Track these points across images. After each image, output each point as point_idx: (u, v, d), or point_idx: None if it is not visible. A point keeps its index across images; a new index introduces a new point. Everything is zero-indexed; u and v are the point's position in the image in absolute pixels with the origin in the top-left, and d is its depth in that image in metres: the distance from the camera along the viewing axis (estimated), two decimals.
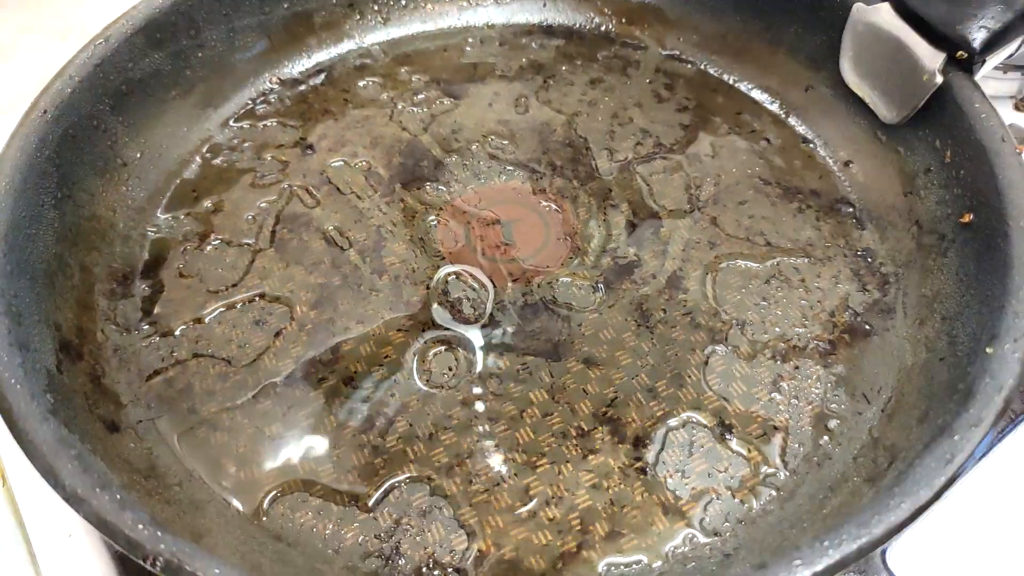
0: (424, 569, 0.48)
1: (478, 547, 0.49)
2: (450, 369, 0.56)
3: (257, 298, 0.60)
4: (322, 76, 0.76)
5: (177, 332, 0.58)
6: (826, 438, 0.53)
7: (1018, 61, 0.79)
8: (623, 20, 0.79)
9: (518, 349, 0.57)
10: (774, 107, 0.73)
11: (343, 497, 0.51)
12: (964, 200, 0.57)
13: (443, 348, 0.57)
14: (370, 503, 0.51)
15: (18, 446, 0.43)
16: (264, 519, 0.50)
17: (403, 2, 0.78)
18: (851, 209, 0.65)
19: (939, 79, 0.59)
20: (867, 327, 0.58)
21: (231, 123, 0.71)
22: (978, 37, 0.57)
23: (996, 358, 0.46)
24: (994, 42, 0.57)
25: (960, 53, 0.58)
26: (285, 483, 0.51)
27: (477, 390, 0.55)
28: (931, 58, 0.59)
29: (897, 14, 0.61)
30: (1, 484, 0.57)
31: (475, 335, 0.58)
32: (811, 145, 0.70)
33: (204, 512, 0.49)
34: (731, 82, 0.74)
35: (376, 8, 0.78)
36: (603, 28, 0.79)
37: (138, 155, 0.65)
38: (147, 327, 0.58)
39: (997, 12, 0.56)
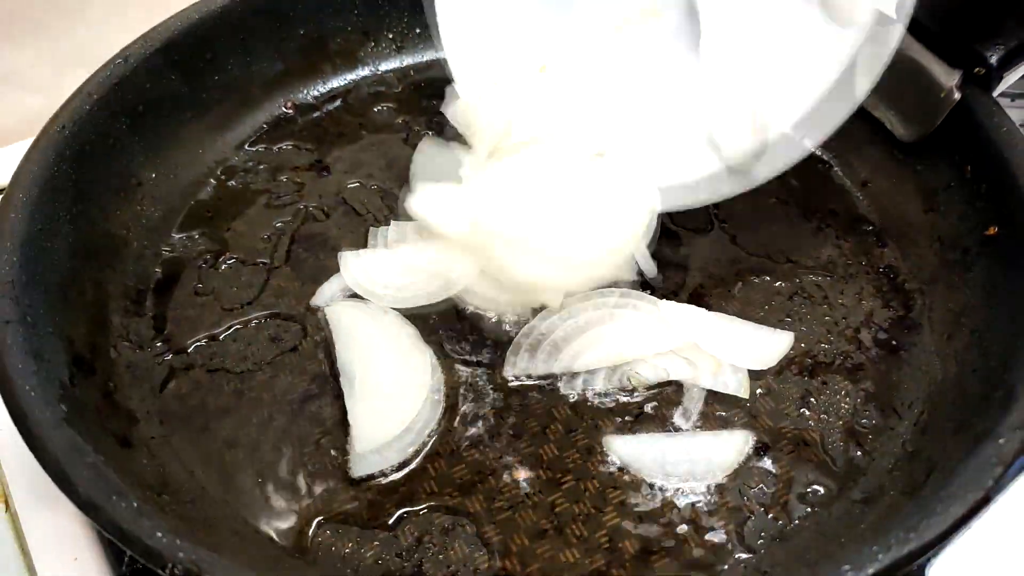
0: None
1: (503, 565, 0.47)
2: (471, 384, 0.55)
3: (272, 316, 0.59)
4: (337, 101, 0.76)
5: (191, 349, 0.57)
6: (859, 452, 0.52)
7: None
8: None
9: None
10: None
11: (362, 515, 0.49)
12: (988, 213, 0.57)
13: (463, 363, 0.56)
14: (390, 521, 0.49)
15: (32, 454, 0.41)
16: (279, 537, 0.48)
17: (417, 30, 0.79)
18: (871, 227, 0.65)
19: (957, 96, 0.59)
20: (894, 343, 0.57)
21: (246, 146, 0.71)
22: (995, 54, 0.57)
23: None
24: (1011, 58, 0.57)
25: (978, 69, 0.58)
26: (301, 500, 0.50)
27: (499, 405, 0.54)
28: (947, 76, 0.59)
29: (911, 34, 0.62)
30: (4, 509, 0.56)
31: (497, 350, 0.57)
32: (828, 166, 0.70)
33: (218, 530, 0.47)
34: None
35: (391, 36, 0.79)
36: None
37: (153, 175, 0.65)
38: (160, 344, 0.57)
39: (1013, 28, 0.57)
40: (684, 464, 0.51)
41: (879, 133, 0.66)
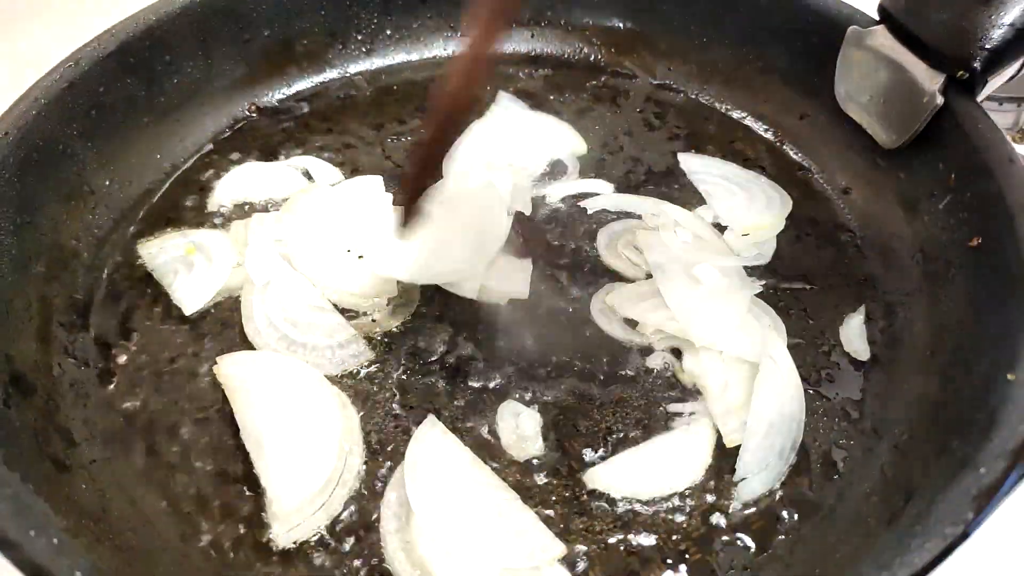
0: None
1: None
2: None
3: (229, 329, 0.57)
4: (304, 105, 0.73)
5: (139, 366, 0.54)
6: (836, 476, 0.49)
7: (1014, 93, 0.78)
8: (612, 50, 0.77)
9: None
10: (768, 135, 0.70)
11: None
12: (971, 224, 0.54)
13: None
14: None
15: None
16: (226, 568, 0.46)
17: (388, 32, 0.76)
18: (851, 237, 0.63)
19: (940, 100, 0.56)
20: (874, 358, 0.55)
21: (205, 150, 0.68)
22: (979, 56, 0.55)
23: (1019, 384, 0.42)
24: (996, 61, 0.55)
25: (961, 73, 0.56)
26: (252, 527, 0.47)
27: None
28: (930, 79, 0.57)
29: (893, 36, 0.60)
30: None
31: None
32: (807, 172, 0.68)
33: (158, 561, 0.45)
34: (723, 110, 0.72)
35: (360, 38, 0.76)
36: (592, 58, 0.78)
37: (107, 182, 0.62)
38: (107, 362, 0.55)
39: (997, 30, 0.54)
40: (657, 471, 0.49)
41: (861, 139, 0.64)
